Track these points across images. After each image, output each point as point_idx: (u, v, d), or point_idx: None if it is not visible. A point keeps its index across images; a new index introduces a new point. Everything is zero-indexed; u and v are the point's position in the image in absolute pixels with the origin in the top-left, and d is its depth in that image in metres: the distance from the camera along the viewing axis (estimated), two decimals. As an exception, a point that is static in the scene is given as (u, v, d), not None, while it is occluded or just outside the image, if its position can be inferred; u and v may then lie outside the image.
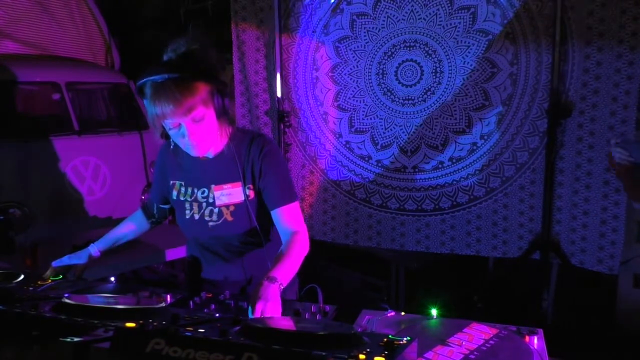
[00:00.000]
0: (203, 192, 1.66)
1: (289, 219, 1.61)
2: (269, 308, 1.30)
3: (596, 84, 2.66)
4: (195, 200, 1.67)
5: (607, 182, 2.69)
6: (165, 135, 1.59)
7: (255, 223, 1.62)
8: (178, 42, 1.53)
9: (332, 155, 3.38)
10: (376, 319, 1.39)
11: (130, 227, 1.90)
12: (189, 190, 1.69)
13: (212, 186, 1.65)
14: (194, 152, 1.57)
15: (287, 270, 1.46)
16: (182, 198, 1.70)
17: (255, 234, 1.64)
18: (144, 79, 1.47)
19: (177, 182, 1.71)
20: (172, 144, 1.62)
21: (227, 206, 1.63)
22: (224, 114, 1.56)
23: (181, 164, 1.70)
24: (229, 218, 1.63)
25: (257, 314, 1.28)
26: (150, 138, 4.02)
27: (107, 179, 3.70)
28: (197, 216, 1.67)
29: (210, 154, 1.65)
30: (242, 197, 1.62)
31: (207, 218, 1.66)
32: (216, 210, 1.64)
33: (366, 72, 3.19)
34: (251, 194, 1.63)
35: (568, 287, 3.06)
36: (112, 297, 1.40)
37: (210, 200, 1.65)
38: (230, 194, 1.63)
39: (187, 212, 1.69)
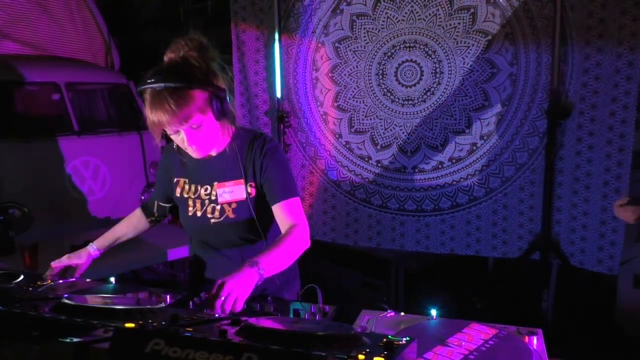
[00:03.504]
0: (206, 190, 1.68)
1: (288, 213, 1.61)
2: (232, 284, 1.29)
3: (596, 84, 2.66)
4: (199, 197, 1.69)
5: (606, 182, 2.69)
6: (166, 139, 1.60)
7: (256, 220, 1.63)
8: (176, 44, 1.53)
9: (332, 156, 3.39)
10: (376, 319, 1.39)
11: (129, 226, 1.91)
12: (193, 187, 1.71)
13: (215, 184, 1.66)
14: (194, 155, 1.59)
15: (273, 258, 1.44)
16: (185, 195, 1.72)
17: (257, 231, 1.65)
18: (142, 86, 1.48)
19: (182, 180, 1.73)
20: (176, 145, 1.64)
21: (229, 203, 1.65)
22: (224, 117, 1.56)
23: (185, 162, 1.72)
24: (231, 215, 1.65)
25: (216, 288, 1.29)
26: (150, 138, 4.04)
27: (107, 179, 3.70)
28: (199, 213, 1.68)
29: (213, 152, 1.67)
30: (244, 195, 1.63)
31: (209, 215, 1.67)
32: (218, 207, 1.66)
33: (366, 73, 3.19)
34: (253, 191, 1.64)
35: (568, 287, 3.06)
36: (111, 297, 1.40)
37: (213, 198, 1.67)
38: (232, 192, 1.65)
39: (190, 209, 1.70)
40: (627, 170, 2.63)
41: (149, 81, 1.46)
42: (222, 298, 1.27)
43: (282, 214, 1.61)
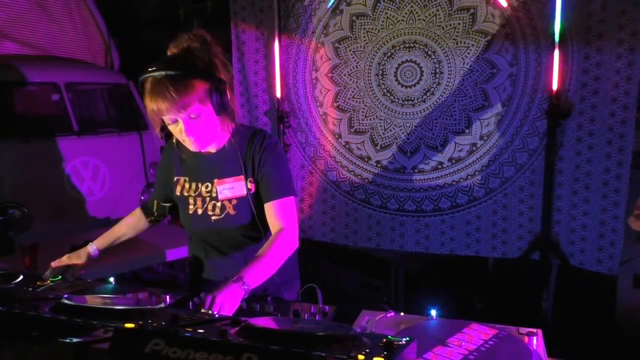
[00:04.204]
0: (207, 187, 1.68)
1: (278, 214, 1.60)
2: (221, 298, 1.30)
3: (595, 84, 2.66)
4: (199, 195, 1.69)
5: (606, 182, 2.69)
6: (166, 135, 1.60)
7: (257, 216, 1.63)
8: (180, 39, 1.55)
9: (332, 156, 3.39)
10: (376, 319, 1.39)
11: (129, 226, 1.91)
12: (193, 185, 1.71)
13: (215, 180, 1.66)
14: (192, 147, 1.58)
15: (258, 271, 1.44)
16: (185, 194, 1.72)
17: (257, 228, 1.64)
18: (144, 75, 1.49)
19: (182, 178, 1.73)
20: (176, 141, 1.64)
21: (229, 200, 1.65)
22: (223, 111, 1.56)
23: (185, 160, 1.72)
24: (232, 212, 1.65)
25: (207, 304, 1.29)
26: (150, 139, 4.05)
27: (106, 180, 3.70)
28: (200, 210, 1.68)
29: (213, 148, 1.67)
30: (244, 191, 1.63)
31: (210, 212, 1.67)
32: (219, 204, 1.66)
33: (366, 73, 3.19)
34: (252, 187, 1.64)
35: (568, 287, 3.06)
36: (111, 297, 1.40)
37: (214, 195, 1.67)
38: (232, 188, 1.65)
39: (191, 207, 1.70)
40: (627, 170, 2.63)
41: (149, 70, 1.47)
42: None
43: (272, 214, 1.61)
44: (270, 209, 1.61)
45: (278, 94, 3.40)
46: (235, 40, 3.48)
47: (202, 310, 1.25)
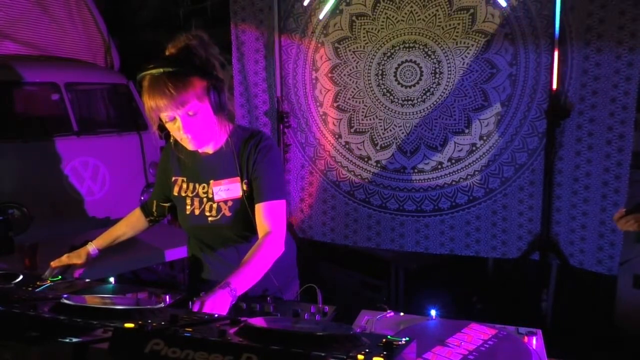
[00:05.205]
0: (203, 188, 1.68)
1: (267, 217, 1.59)
2: (210, 303, 1.30)
3: (595, 84, 2.66)
4: (196, 195, 1.69)
5: (606, 182, 2.69)
6: (166, 135, 1.60)
7: (252, 218, 1.63)
8: (178, 38, 1.55)
9: (332, 156, 3.39)
10: (375, 319, 1.39)
11: (128, 225, 1.91)
12: (191, 186, 1.71)
13: (211, 181, 1.66)
14: (190, 146, 1.58)
15: (244, 277, 1.44)
16: (183, 194, 1.72)
17: (252, 228, 1.64)
18: (142, 73, 1.49)
19: (180, 178, 1.74)
20: (174, 141, 1.64)
21: (225, 201, 1.65)
22: (221, 110, 1.56)
23: (183, 161, 1.72)
24: (227, 213, 1.65)
25: (196, 307, 1.29)
26: (150, 139, 4.05)
27: (106, 180, 3.70)
28: (197, 211, 1.69)
29: (210, 149, 1.67)
30: (239, 193, 1.63)
31: (207, 213, 1.67)
32: (215, 205, 1.66)
33: (365, 73, 3.19)
34: (248, 188, 1.64)
35: (567, 287, 3.06)
36: (111, 297, 1.40)
37: (210, 196, 1.67)
38: (228, 189, 1.65)
39: (188, 207, 1.70)
40: (627, 170, 2.63)
41: (147, 67, 1.47)
42: None
43: (261, 215, 1.60)
44: (259, 211, 1.60)
45: (278, 94, 3.40)
46: (235, 40, 3.48)
47: None
